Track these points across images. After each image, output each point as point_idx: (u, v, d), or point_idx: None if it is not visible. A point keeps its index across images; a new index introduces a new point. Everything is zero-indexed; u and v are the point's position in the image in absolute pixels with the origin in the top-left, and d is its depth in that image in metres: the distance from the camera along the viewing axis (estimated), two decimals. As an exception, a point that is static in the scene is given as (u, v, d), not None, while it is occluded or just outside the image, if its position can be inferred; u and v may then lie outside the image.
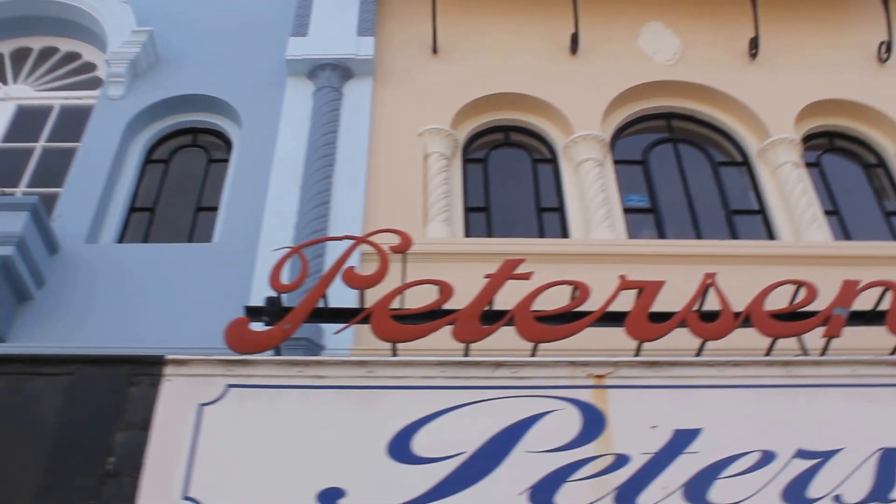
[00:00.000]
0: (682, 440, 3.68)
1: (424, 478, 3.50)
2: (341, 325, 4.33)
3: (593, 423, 3.70)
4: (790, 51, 7.14)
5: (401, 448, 3.57)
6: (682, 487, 3.57)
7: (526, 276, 4.36)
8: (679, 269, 5.09)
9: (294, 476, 3.52)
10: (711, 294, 4.39)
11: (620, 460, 3.61)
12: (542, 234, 6.09)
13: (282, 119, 6.30)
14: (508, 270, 4.40)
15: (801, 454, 3.69)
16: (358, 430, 3.65)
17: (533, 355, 4.15)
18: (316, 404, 3.71)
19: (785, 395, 3.90)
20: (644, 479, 3.56)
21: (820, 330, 4.32)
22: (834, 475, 3.65)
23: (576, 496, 3.52)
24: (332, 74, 6.46)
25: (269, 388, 3.74)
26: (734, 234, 6.17)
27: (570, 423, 3.69)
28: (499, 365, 3.83)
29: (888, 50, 7.09)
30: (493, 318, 4.21)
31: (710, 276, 4.47)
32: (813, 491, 3.61)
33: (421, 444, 3.60)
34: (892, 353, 4.41)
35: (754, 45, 7.04)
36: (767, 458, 3.67)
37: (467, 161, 6.48)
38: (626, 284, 4.40)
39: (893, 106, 6.77)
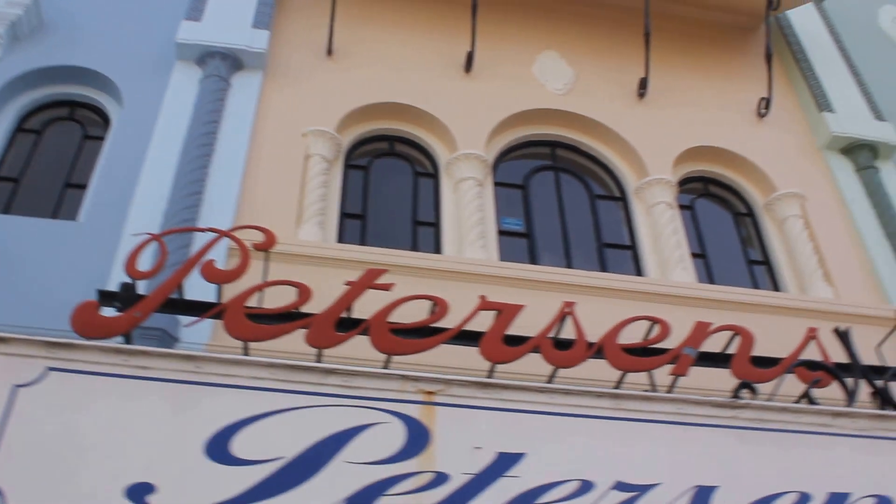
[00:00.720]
0: (504, 463, 3.71)
1: (239, 480, 3.43)
2: (193, 318, 4.23)
3: (418, 438, 3.70)
4: (677, 96, 7.39)
5: (219, 448, 3.50)
6: (498, 510, 3.60)
7: (386, 287, 4.34)
8: (546, 295, 5.17)
9: (105, 467, 3.41)
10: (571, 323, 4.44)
11: (440, 478, 3.61)
12: (415, 248, 6.08)
13: (164, 102, 6.14)
14: (369, 280, 4.37)
15: (619, 486, 3.77)
16: (177, 426, 3.56)
17: (385, 367, 4.13)
18: (137, 395, 3.60)
19: (611, 426, 3.98)
20: (461, 499, 3.58)
21: (669, 367, 4.44)
22: (647, 509, 3.74)
23: (391, 511, 3.51)
24: (222, 64, 6.33)
25: (90, 375, 3.62)
26: (603, 267, 6.29)
27: (394, 436, 3.69)
28: (330, 372, 3.79)
29: (767, 106, 7.40)
30: (349, 326, 4.17)
31: (569, 304, 4.54)
32: (625, 523, 3.68)
33: (240, 445, 3.53)
34: (733, 396, 4.54)
35: (643, 85, 7.23)
36: (585, 487, 3.74)
37: (349, 167, 6.44)
38: (484, 305, 4.43)
39: (767, 160, 7.07)
